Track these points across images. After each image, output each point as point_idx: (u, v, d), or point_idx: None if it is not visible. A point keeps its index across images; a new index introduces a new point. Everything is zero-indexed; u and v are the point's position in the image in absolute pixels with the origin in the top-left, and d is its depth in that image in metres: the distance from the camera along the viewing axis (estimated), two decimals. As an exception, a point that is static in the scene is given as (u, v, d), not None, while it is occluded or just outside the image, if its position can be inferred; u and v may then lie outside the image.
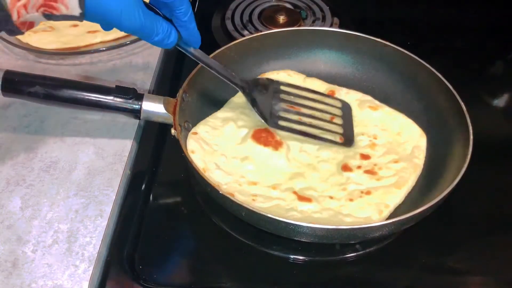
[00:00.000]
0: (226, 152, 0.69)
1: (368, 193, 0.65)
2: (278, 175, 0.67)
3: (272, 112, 0.71)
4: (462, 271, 0.63)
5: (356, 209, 0.63)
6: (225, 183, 0.65)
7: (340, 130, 0.72)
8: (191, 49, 0.64)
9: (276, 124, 0.70)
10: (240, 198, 0.63)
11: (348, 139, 0.72)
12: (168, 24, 0.59)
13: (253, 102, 0.69)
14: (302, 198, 0.64)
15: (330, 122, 0.73)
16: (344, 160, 0.69)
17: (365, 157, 0.70)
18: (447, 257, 0.64)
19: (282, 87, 0.74)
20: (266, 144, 0.69)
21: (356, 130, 0.74)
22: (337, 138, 0.71)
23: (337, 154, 0.70)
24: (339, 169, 0.68)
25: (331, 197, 0.65)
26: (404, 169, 0.68)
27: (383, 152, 0.71)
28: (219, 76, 0.67)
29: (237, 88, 0.69)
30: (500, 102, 0.88)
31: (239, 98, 0.77)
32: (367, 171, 0.68)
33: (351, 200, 0.64)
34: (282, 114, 0.71)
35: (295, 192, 0.65)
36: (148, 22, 0.56)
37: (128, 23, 0.54)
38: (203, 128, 0.71)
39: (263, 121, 0.69)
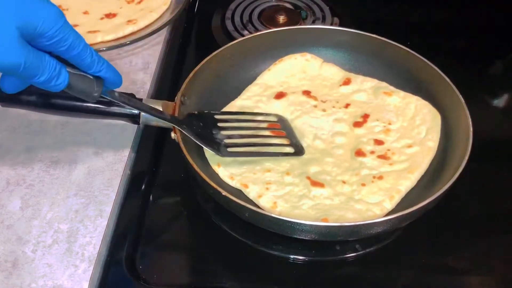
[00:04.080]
0: None
1: (380, 178, 0.65)
2: (292, 161, 0.68)
3: (216, 142, 0.67)
4: (462, 271, 0.63)
5: (368, 194, 0.64)
6: (240, 173, 0.66)
7: (286, 141, 0.70)
8: (115, 94, 0.58)
9: (227, 152, 0.67)
10: (254, 188, 0.64)
11: (298, 148, 0.69)
12: (56, 61, 0.49)
13: (198, 137, 0.65)
14: (315, 183, 0.65)
15: (274, 136, 0.71)
16: (357, 145, 0.70)
17: (378, 142, 0.70)
18: (447, 257, 0.64)
19: (217, 116, 0.71)
20: (279, 134, 0.70)
21: (371, 116, 0.74)
22: (287, 150, 0.69)
23: (352, 139, 0.71)
24: (352, 154, 0.69)
25: (344, 182, 0.65)
26: (417, 154, 0.68)
27: (397, 137, 0.71)
28: (151, 116, 0.63)
29: (175, 126, 0.64)
30: (500, 102, 0.88)
31: (255, 86, 0.78)
32: (380, 156, 0.68)
33: (363, 184, 0.65)
34: (227, 141, 0.68)
35: (308, 177, 0.65)
36: (31, 57, 0.46)
37: (5, 57, 0.44)
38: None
39: (214, 152, 0.66)
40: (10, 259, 0.59)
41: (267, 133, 0.71)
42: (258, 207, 0.62)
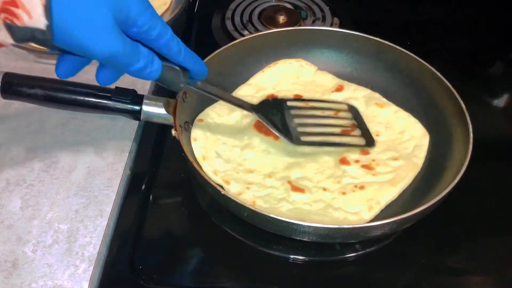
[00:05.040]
0: (228, 140, 0.70)
1: (361, 187, 0.65)
2: (276, 164, 0.68)
3: (290, 129, 0.70)
4: (462, 271, 0.63)
5: (347, 203, 0.63)
6: (223, 171, 0.66)
7: (357, 132, 0.72)
8: (198, 83, 0.61)
9: (300, 140, 0.69)
10: (235, 186, 0.64)
11: (369, 140, 0.71)
12: (148, 50, 0.51)
13: (273, 124, 0.69)
14: (295, 188, 0.64)
15: (344, 126, 0.73)
16: (343, 153, 0.69)
17: (364, 152, 0.70)
18: (447, 257, 0.64)
19: (290, 103, 0.73)
20: (267, 133, 0.70)
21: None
22: (359, 141, 0.71)
23: (338, 147, 0.71)
24: (337, 162, 0.68)
25: (324, 189, 0.65)
26: (402, 167, 0.68)
27: (383, 149, 0.71)
28: (231, 104, 0.68)
29: (253, 114, 0.68)
30: (500, 102, 0.88)
31: (248, 86, 0.78)
32: (364, 166, 0.68)
33: (343, 193, 0.64)
34: (300, 129, 0.70)
35: (289, 182, 0.65)
36: (128, 45, 0.47)
37: (105, 45, 0.45)
38: (209, 114, 0.72)
39: (288, 140, 0.68)
40: (10, 259, 0.59)
41: (338, 122, 0.73)
42: None
